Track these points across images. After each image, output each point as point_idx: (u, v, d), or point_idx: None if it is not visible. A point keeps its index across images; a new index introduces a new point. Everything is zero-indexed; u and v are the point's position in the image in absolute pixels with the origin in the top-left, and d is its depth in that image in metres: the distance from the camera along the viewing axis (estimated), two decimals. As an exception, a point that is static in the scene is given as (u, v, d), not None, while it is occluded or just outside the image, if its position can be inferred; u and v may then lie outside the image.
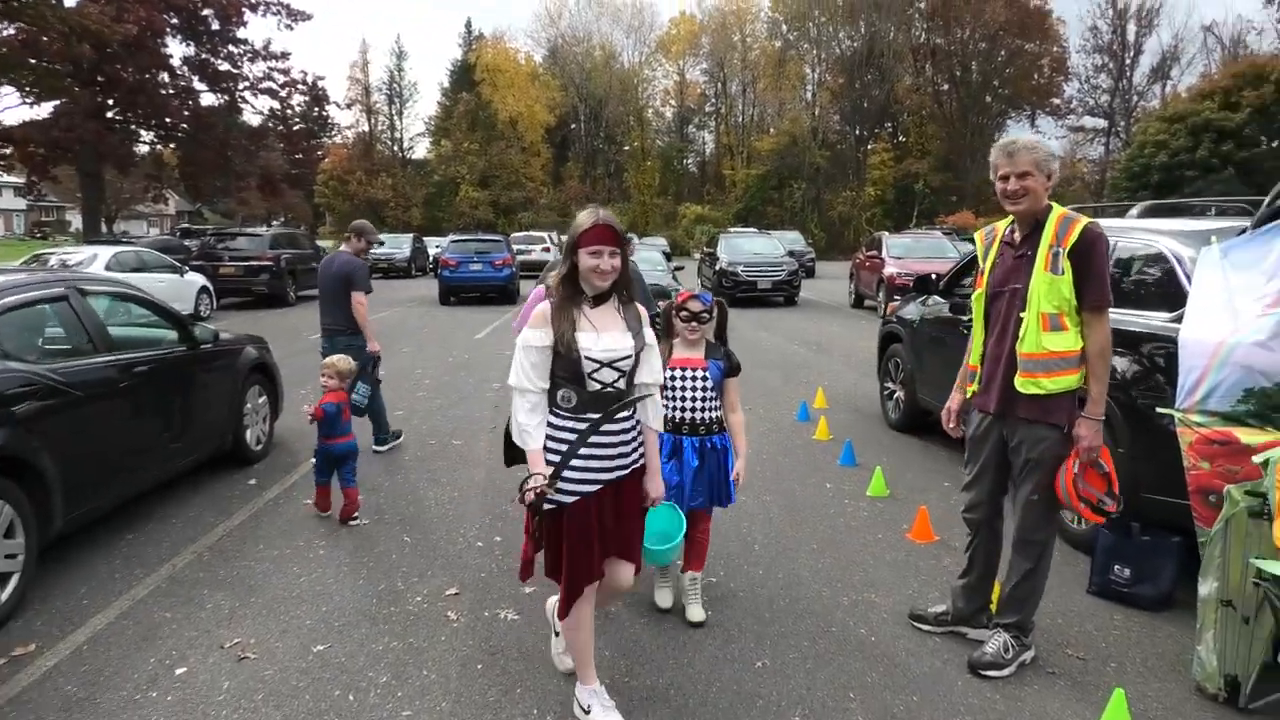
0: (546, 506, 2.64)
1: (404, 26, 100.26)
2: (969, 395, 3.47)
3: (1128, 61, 47.64)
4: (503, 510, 5.11)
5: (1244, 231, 3.62)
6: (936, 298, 6.53)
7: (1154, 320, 4.12)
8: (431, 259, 29.22)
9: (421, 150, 58.70)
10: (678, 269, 18.24)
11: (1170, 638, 3.57)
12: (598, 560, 2.73)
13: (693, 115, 59.58)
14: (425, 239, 35.01)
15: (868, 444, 6.71)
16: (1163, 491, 3.78)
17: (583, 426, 2.64)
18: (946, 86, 52.01)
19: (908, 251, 17.82)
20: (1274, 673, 2.97)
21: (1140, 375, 4.09)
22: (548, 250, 28.11)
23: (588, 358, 2.61)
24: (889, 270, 16.83)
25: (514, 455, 3.70)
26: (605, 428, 2.67)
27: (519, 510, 5.02)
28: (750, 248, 20.75)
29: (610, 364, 2.65)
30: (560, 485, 2.64)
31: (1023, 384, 3.12)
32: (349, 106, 55.72)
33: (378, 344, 6.38)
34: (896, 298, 12.22)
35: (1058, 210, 3.12)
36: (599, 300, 2.69)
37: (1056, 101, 50.41)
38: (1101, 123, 48.38)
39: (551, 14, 57.85)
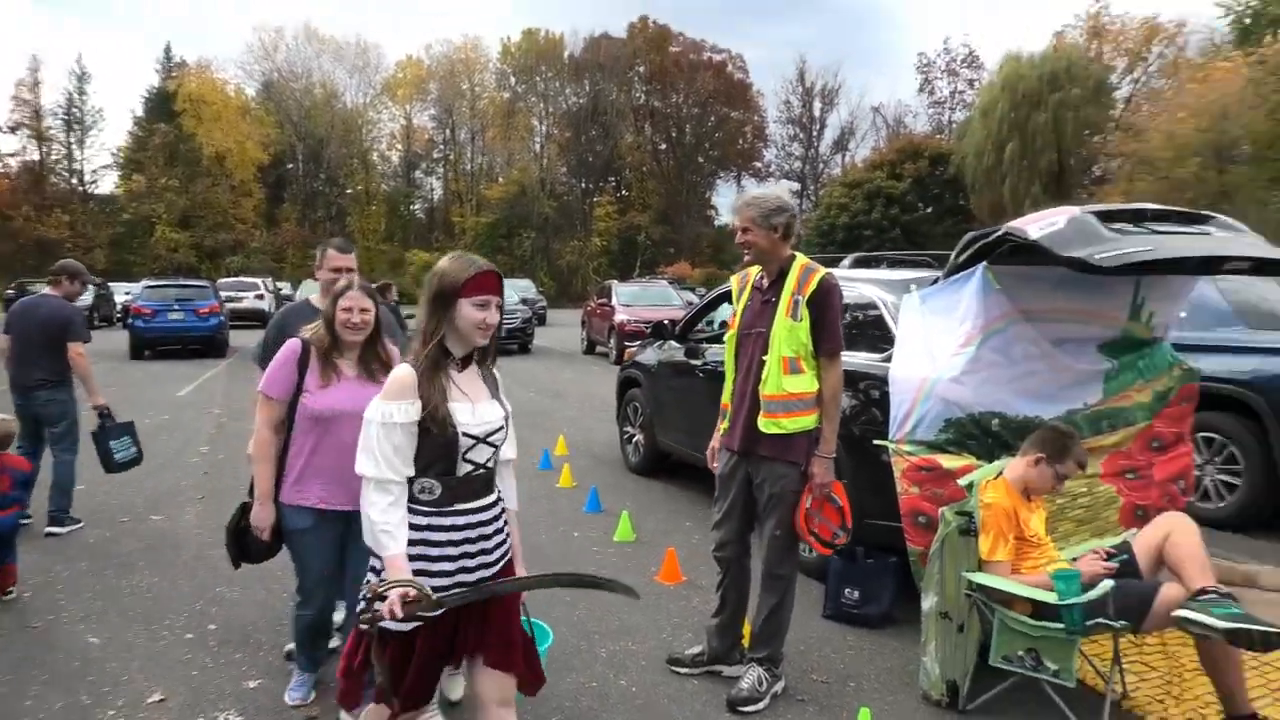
0: (408, 626, 2.15)
1: (87, 46, 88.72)
2: (722, 433, 3.56)
3: (815, 133, 53.95)
4: (216, 593, 4.47)
5: (936, 281, 4.09)
6: (673, 342, 6.77)
7: (868, 360, 4.51)
8: (120, 307, 25.83)
9: (108, 185, 52.17)
10: (409, 316, 17.61)
11: (896, 652, 3.86)
12: (442, 679, 2.32)
13: (420, 160, 58.59)
14: (112, 285, 31.02)
15: (611, 489, 6.76)
16: (881, 516, 4.08)
17: (447, 522, 2.23)
18: (664, 146, 55.72)
19: (636, 299, 18.63)
20: (984, 674, 3.30)
21: (859, 410, 4.45)
22: (261, 298, 25.90)
23: (465, 434, 2.20)
24: (620, 317, 17.44)
25: (245, 554, 3.21)
26: (476, 517, 2.28)
27: (236, 591, 4.46)
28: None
29: (486, 439, 2.26)
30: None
31: (764, 424, 3.26)
32: (13, 130, 48.33)
33: (103, 397, 5.49)
34: (628, 343, 12.67)
35: (800, 260, 3.32)
36: (464, 363, 2.28)
37: (759, 165, 55.76)
38: (795, 185, 54.11)
39: (266, 46, 54.29)
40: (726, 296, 4.26)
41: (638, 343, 8.56)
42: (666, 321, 7.05)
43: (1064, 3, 55.60)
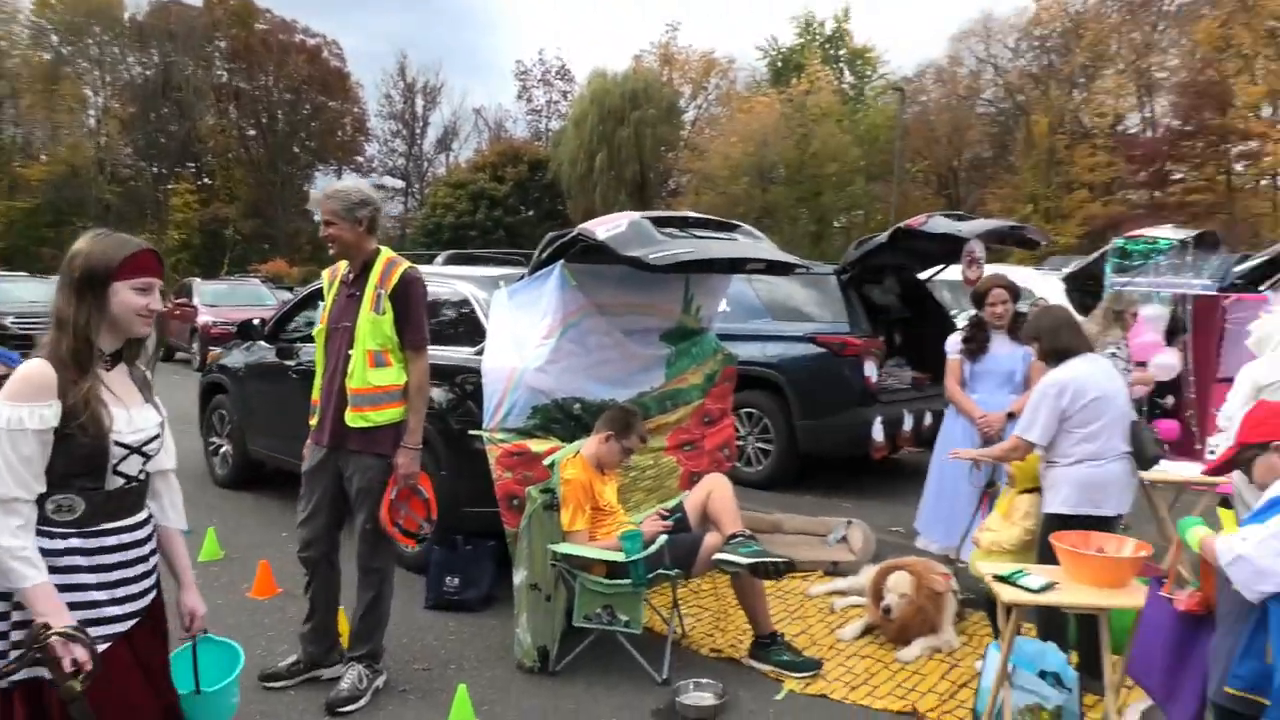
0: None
1: None
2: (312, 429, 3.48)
3: (418, 130, 53.34)
4: None
5: (523, 278, 4.39)
6: (263, 343, 6.35)
7: (463, 354, 4.68)
8: None
9: None
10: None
11: (494, 630, 4.08)
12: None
13: (-78, 127, 46.96)
14: None
15: (195, 506, 6.02)
16: (478, 503, 4.24)
17: (93, 544, 1.89)
18: (254, 132, 51.08)
19: (222, 299, 17.08)
20: (570, 636, 3.64)
21: (455, 403, 4.59)
22: None
23: (119, 443, 1.89)
24: (204, 319, 15.81)
25: None
26: (130, 536, 1.96)
27: None
28: (25, 295, 17.34)
29: (140, 448, 1.94)
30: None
31: (352, 418, 3.26)
32: None
33: None
34: (214, 347, 11.52)
35: (385, 254, 3.36)
36: (113, 360, 1.96)
37: (360, 159, 53.63)
38: (400, 183, 53.10)
39: None
40: (321, 293, 4.16)
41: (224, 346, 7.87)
42: (256, 321, 6.57)
43: (641, 28, 61.79)
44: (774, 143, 29.90)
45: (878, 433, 6.29)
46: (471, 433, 4.19)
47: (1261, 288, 8.53)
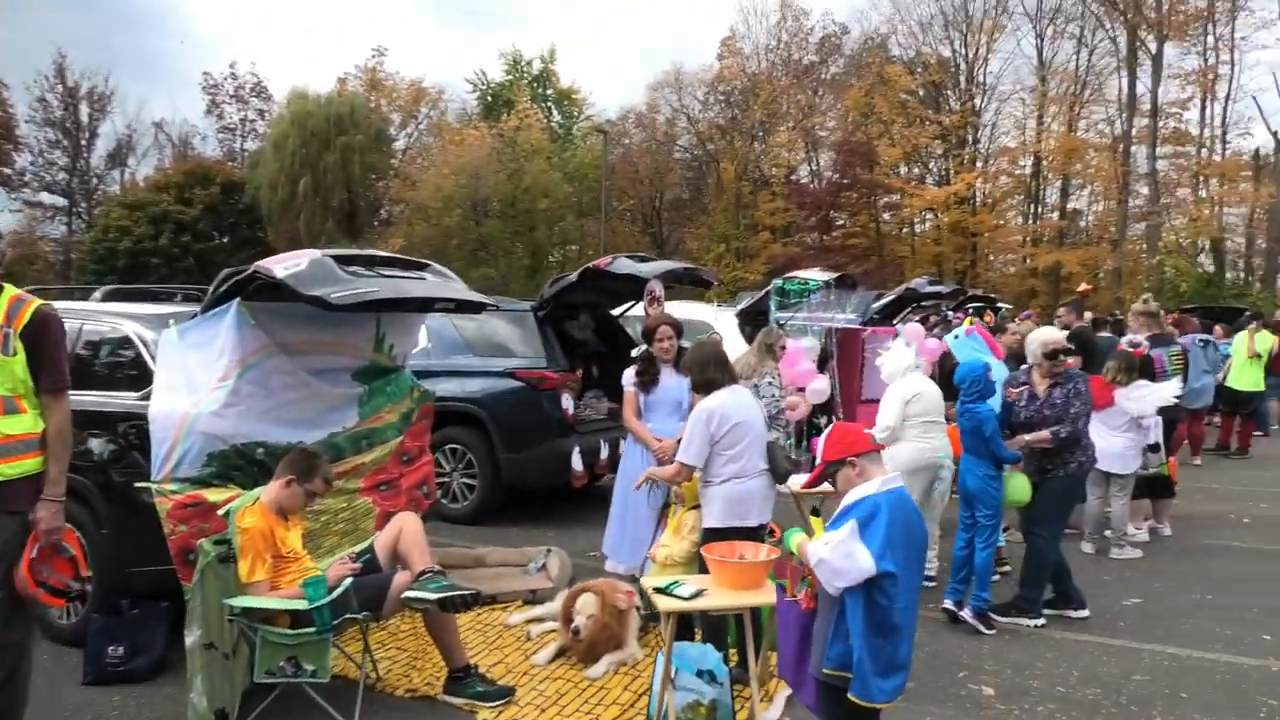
0: None
1: None
2: None
3: (84, 142, 46.98)
4: None
5: (195, 315, 4.13)
6: None
7: (127, 400, 4.29)
8: None
9: None
10: None
11: (169, 699, 3.77)
12: None
13: None
14: None
15: None
16: (150, 562, 3.90)
17: None
18: None
19: None
20: (254, 693, 3.48)
21: (118, 454, 4.19)
22: None
23: None
24: None
25: None
26: None
27: None
28: None
29: None
30: None
31: None
32: None
33: None
34: None
35: (10, 291, 3.04)
36: None
37: (8, 171, 46.13)
38: (62, 201, 46.43)
39: None
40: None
41: None
42: None
43: (345, 50, 59.06)
44: (486, 176, 30.18)
45: (577, 462, 6.61)
46: (138, 485, 3.86)
47: (894, 322, 10.20)
